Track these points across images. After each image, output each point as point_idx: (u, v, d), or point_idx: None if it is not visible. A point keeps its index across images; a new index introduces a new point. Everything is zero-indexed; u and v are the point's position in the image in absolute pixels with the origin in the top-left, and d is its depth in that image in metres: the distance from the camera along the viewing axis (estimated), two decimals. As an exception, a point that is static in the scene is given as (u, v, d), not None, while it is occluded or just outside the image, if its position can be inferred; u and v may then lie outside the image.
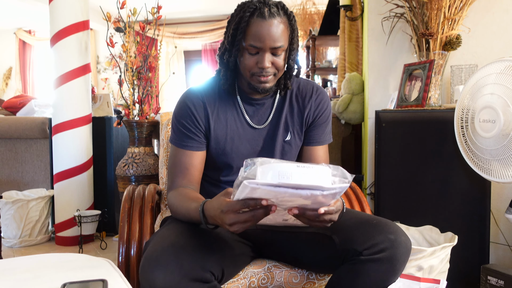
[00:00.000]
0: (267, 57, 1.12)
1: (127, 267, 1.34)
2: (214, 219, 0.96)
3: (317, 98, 1.29)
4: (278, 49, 1.12)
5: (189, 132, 1.22)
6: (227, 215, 0.89)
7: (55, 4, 2.83)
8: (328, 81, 4.98)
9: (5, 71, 7.68)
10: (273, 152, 1.26)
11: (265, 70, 1.14)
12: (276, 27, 1.10)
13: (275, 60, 1.14)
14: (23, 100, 3.83)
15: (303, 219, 0.91)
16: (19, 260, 1.05)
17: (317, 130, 1.29)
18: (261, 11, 1.10)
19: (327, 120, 1.31)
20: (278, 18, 1.11)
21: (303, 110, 1.28)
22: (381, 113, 1.93)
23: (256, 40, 1.11)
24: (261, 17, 1.10)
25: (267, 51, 1.12)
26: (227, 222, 0.89)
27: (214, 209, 0.94)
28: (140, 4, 2.81)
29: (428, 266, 1.56)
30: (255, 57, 1.14)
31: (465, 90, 1.57)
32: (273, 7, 1.12)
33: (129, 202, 1.49)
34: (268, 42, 1.10)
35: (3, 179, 3.26)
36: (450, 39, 1.98)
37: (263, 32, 1.10)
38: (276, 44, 1.11)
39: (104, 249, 2.79)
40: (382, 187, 1.92)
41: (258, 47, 1.11)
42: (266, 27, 1.10)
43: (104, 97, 3.38)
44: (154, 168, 2.75)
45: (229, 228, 0.90)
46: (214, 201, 0.96)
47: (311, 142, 1.29)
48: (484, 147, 1.49)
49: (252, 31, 1.11)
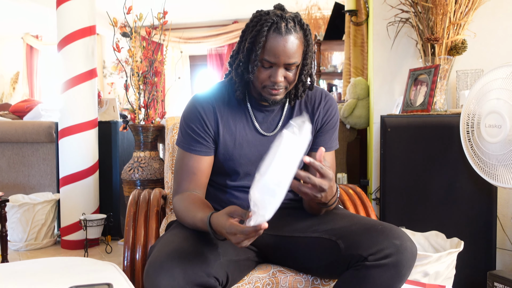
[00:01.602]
0: (280, 72, 1.13)
1: (132, 271, 1.34)
2: (221, 234, 0.99)
3: (326, 105, 1.29)
4: (292, 65, 1.13)
5: (198, 136, 1.22)
6: (232, 236, 0.93)
7: (62, 10, 2.85)
8: (333, 85, 4.98)
9: (12, 75, 7.74)
10: None
11: (277, 84, 1.14)
12: (292, 44, 1.10)
13: (287, 75, 1.14)
14: (30, 104, 3.87)
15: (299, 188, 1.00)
16: (25, 263, 1.06)
17: (324, 136, 1.29)
18: (278, 25, 1.10)
19: (335, 127, 1.31)
20: (294, 34, 1.11)
21: (312, 117, 1.28)
22: (386, 118, 1.92)
23: (271, 55, 1.11)
24: (278, 33, 1.09)
25: (281, 67, 1.12)
26: (233, 241, 0.94)
27: (220, 227, 0.97)
28: (146, 10, 2.83)
29: (434, 272, 1.55)
30: (268, 71, 1.14)
31: (471, 95, 1.56)
32: (290, 21, 1.11)
33: (135, 206, 1.49)
34: (282, 58, 1.11)
35: (10, 182, 3.29)
36: (456, 44, 1.98)
37: (279, 49, 1.09)
38: (291, 61, 1.11)
39: (109, 253, 2.79)
40: (388, 192, 1.91)
41: (272, 62, 1.11)
42: (282, 43, 1.09)
43: (110, 102, 3.40)
44: (159, 172, 2.76)
45: (236, 245, 0.94)
46: (220, 218, 0.98)
47: (318, 148, 1.29)
48: (490, 152, 1.48)
49: (268, 46, 1.10)
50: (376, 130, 2.34)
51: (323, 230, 1.15)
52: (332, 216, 1.22)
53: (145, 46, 2.80)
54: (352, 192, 1.57)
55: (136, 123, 2.80)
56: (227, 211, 0.97)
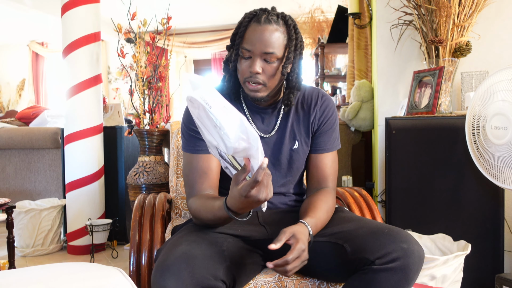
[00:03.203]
0: (257, 61, 1.13)
1: (138, 275, 1.34)
2: (243, 209, 0.97)
3: (322, 105, 1.28)
4: (270, 56, 1.12)
5: (200, 135, 1.21)
6: (250, 197, 0.91)
7: (67, 17, 2.88)
8: (337, 88, 4.97)
9: (18, 82, 7.81)
10: (280, 161, 1.26)
11: (255, 76, 1.14)
12: (269, 32, 1.12)
13: (266, 67, 1.14)
14: (36, 111, 3.90)
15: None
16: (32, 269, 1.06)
17: (323, 137, 1.28)
18: (259, 17, 1.13)
19: (333, 127, 1.30)
20: (274, 25, 1.13)
21: (309, 118, 1.28)
22: (391, 120, 1.92)
23: (248, 43, 1.13)
24: (257, 22, 1.13)
25: (258, 56, 1.13)
26: (255, 199, 0.91)
27: (237, 200, 0.95)
28: (150, 15, 2.85)
29: (441, 275, 1.54)
30: (248, 62, 1.15)
31: (476, 96, 1.56)
32: (273, 15, 1.14)
33: (140, 211, 1.50)
34: (258, 46, 1.12)
35: (16, 188, 3.30)
36: (460, 46, 1.97)
37: (256, 36, 1.12)
38: (267, 50, 1.12)
39: (116, 258, 2.80)
40: (393, 194, 1.90)
41: (249, 50, 1.13)
42: (259, 31, 1.12)
43: (115, 107, 3.42)
44: (164, 176, 2.76)
45: (261, 200, 0.92)
46: (232, 192, 0.96)
47: (318, 150, 1.28)
48: (496, 154, 1.47)
49: (247, 35, 1.13)
50: (381, 133, 2.33)
51: (329, 234, 1.15)
52: (338, 219, 1.21)
53: (149, 51, 2.81)
54: (358, 194, 1.56)
55: (141, 128, 2.81)
56: (233, 181, 0.96)
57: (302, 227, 1.07)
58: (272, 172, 1.26)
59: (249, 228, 1.22)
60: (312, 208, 1.17)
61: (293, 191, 1.32)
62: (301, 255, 1.01)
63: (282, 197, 1.30)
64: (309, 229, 1.09)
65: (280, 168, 1.27)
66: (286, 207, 1.31)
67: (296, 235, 1.03)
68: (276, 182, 1.27)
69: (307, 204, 1.20)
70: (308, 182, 1.31)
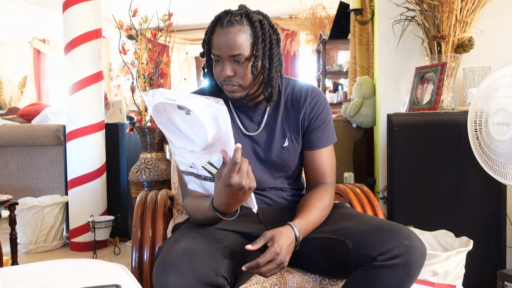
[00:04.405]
0: (227, 65, 1.14)
1: (140, 272, 1.35)
2: (230, 204, 1.00)
3: (312, 101, 1.26)
4: (238, 57, 1.12)
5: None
6: (231, 186, 0.94)
7: (69, 14, 2.87)
8: (339, 85, 4.97)
9: (20, 79, 7.82)
10: (270, 159, 1.26)
11: (228, 79, 1.15)
12: (233, 35, 1.11)
13: (236, 69, 1.14)
14: (38, 108, 3.90)
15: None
16: (35, 266, 1.07)
17: (315, 134, 1.26)
18: (222, 20, 1.14)
19: (325, 122, 1.27)
20: (237, 26, 1.12)
21: (298, 114, 1.26)
22: (393, 117, 1.91)
23: (215, 48, 1.14)
24: (220, 26, 1.14)
25: (226, 59, 1.13)
26: (239, 187, 0.95)
27: (222, 194, 0.98)
28: (151, 12, 2.84)
29: (443, 271, 1.54)
30: (220, 66, 1.16)
31: (479, 92, 1.55)
32: (237, 15, 1.14)
33: (142, 208, 1.50)
34: (225, 50, 1.12)
35: (19, 185, 3.32)
36: (462, 42, 1.96)
37: (221, 41, 1.12)
38: (233, 52, 1.12)
39: (118, 255, 2.81)
40: (395, 191, 1.90)
41: (217, 55, 1.14)
42: (223, 35, 1.12)
43: (116, 104, 3.42)
44: (166, 173, 2.77)
45: (244, 187, 0.95)
46: (217, 189, 1.00)
47: (312, 146, 1.27)
48: (499, 150, 1.47)
49: (213, 41, 1.15)
50: (383, 129, 2.33)
51: (330, 230, 1.15)
52: (339, 216, 1.21)
53: (150, 48, 2.81)
54: (359, 191, 1.56)
55: (142, 124, 2.81)
56: (216, 178, 0.99)
57: (287, 230, 1.07)
58: (263, 169, 1.26)
59: (250, 225, 1.22)
60: (305, 207, 1.16)
61: (290, 187, 1.32)
62: (275, 258, 1.02)
63: (279, 191, 1.30)
64: (295, 231, 1.08)
65: (270, 165, 1.27)
66: (285, 203, 1.31)
67: (274, 238, 1.04)
68: (269, 178, 1.27)
69: (301, 203, 1.20)
70: (306, 178, 1.31)
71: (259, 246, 1.03)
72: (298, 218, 1.13)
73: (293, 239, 1.07)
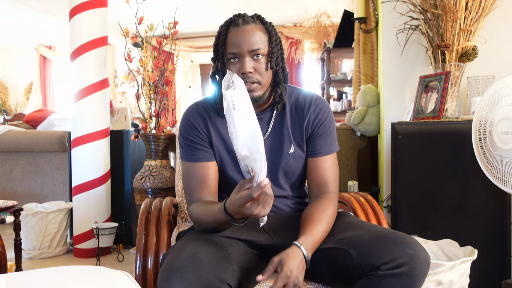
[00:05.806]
0: (247, 61, 1.15)
1: (144, 279, 1.35)
2: (239, 214, 1.02)
3: (316, 109, 1.28)
4: (257, 52, 1.16)
5: (196, 144, 1.24)
6: (243, 207, 0.96)
7: (75, 21, 2.91)
8: (343, 93, 4.97)
9: (26, 85, 7.88)
10: (278, 166, 1.26)
11: (247, 76, 1.16)
12: (251, 32, 1.16)
13: (256, 65, 1.17)
14: (43, 114, 3.93)
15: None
16: (39, 272, 1.07)
17: (318, 141, 1.27)
18: (236, 21, 1.18)
19: (328, 130, 1.28)
20: (252, 24, 1.17)
21: (302, 122, 1.28)
22: (397, 125, 1.92)
23: (233, 47, 1.16)
24: (235, 26, 1.17)
25: (246, 55, 1.16)
26: (247, 212, 0.97)
27: (233, 205, 1.01)
28: (157, 20, 2.87)
29: (447, 281, 1.53)
30: (237, 65, 1.17)
31: (483, 101, 1.55)
32: (248, 16, 1.19)
33: (146, 215, 1.50)
34: (244, 46, 1.15)
35: (23, 191, 3.33)
36: (466, 51, 1.97)
37: (239, 38, 1.15)
38: (253, 47, 1.15)
39: (121, 262, 2.81)
40: (399, 200, 1.90)
41: (236, 52, 1.16)
42: (240, 32, 1.16)
43: (121, 111, 3.44)
44: (170, 181, 2.77)
45: (253, 215, 0.97)
46: (232, 198, 1.02)
47: (315, 154, 1.28)
48: (503, 159, 1.46)
49: (229, 40, 1.17)
50: (387, 138, 2.33)
51: (334, 239, 1.15)
52: (343, 224, 1.21)
53: (156, 55, 2.83)
54: (363, 200, 1.56)
55: (147, 132, 2.83)
56: (237, 187, 1.01)
57: (294, 250, 1.07)
58: (268, 176, 1.26)
59: (255, 234, 1.23)
60: (309, 222, 1.15)
61: (294, 194, 1.32)
62: (287, 282, 1.02)
63: (284, 199, 1.30)
64: (302, 251, 1.07)
65: (277, 172, 1.27)
66: (289, 210, 1.31)
67: (282, 262, 1.03)
68: (273, 186, 1.27)
69: (305, 216, 1.19)
70: (308, 187, 1.31)
71: (269, 275, 1.03)
72: (304, 235, 1.11)
73: (301, 258, 1.06)
